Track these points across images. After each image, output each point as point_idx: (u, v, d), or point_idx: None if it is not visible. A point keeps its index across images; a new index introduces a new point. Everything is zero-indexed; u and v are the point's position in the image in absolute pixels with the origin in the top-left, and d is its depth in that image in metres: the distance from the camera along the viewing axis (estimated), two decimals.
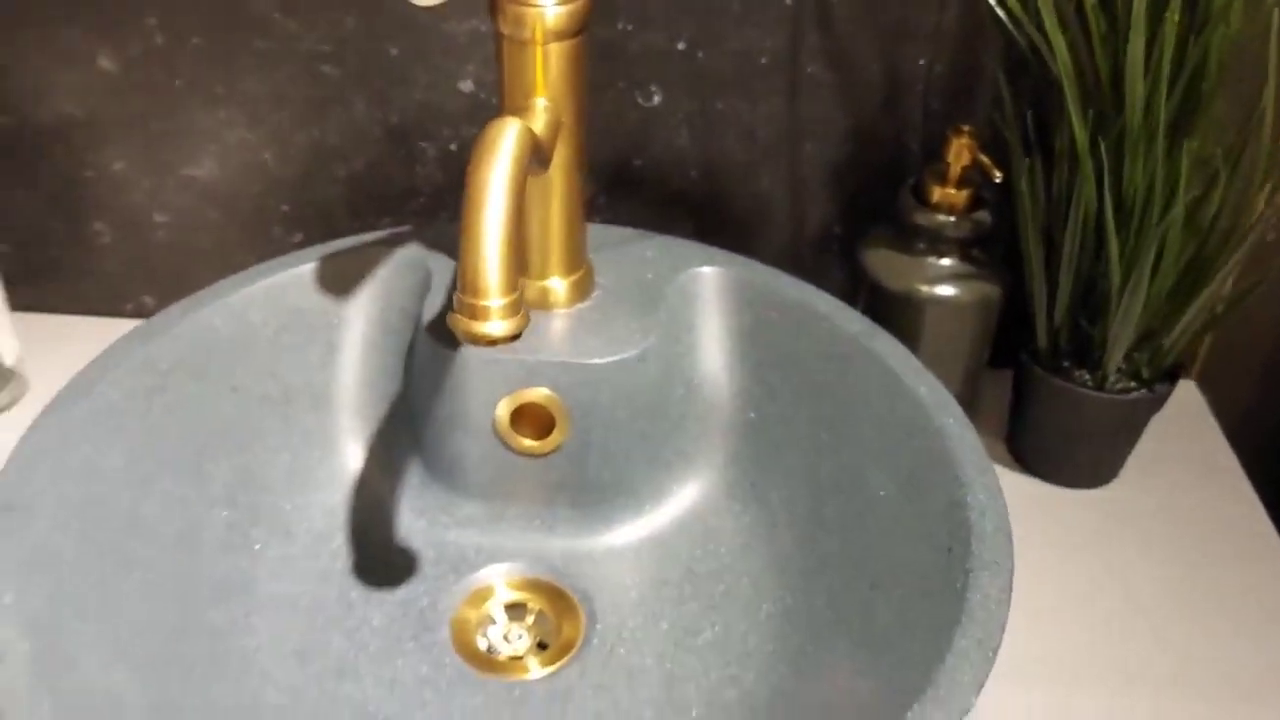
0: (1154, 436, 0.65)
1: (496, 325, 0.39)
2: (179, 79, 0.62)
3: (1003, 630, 0.40)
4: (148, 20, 0.60)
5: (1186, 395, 0.68)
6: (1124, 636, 0.53)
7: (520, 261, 0.53)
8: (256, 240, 0.67)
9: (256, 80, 0.62)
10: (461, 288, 0.39)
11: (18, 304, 0.70)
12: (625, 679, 0.49)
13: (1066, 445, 0.60)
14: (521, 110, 0.48)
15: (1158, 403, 0.58)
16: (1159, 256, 0.51)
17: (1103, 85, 0.50)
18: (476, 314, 0.39)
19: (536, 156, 0.44)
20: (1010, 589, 0.41)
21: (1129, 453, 0.61)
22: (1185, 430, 0.66)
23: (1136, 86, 0.48)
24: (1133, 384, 0.58)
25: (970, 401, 0.62)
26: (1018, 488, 0.61)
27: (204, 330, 0.53)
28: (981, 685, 0.38)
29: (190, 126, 0.63)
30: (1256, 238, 0.51)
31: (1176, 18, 0.46)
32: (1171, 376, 0.58)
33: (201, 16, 0.60)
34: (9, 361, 0.64)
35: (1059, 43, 0.49)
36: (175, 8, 0.59)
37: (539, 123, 0.47)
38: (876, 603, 0.46)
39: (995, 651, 0.39)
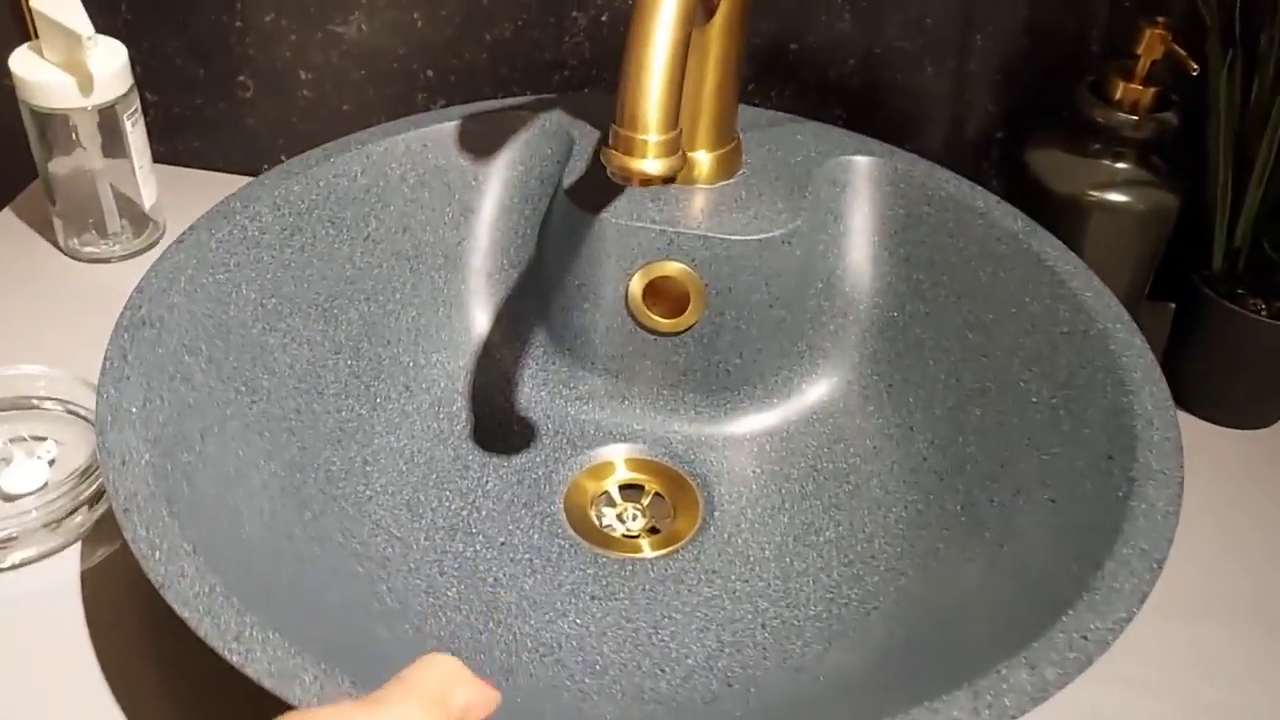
0: None
1: (652, 163, 0.37)
2: None
3: (1169, 544, 0.37)
4: None
5: None
6: (1272, 582, 0.49)
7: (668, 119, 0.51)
8: (399, 106, 0.66)
9: None
10: (619, 120, 0.37)
11: (157, 156, 0.71)
12: (741, 567, 0.47)
13: (1232, 380, 0.56)
14: None
15: None
16: None
17: None
18: (633, 148, 0.36)
19: (703, 2, 0.42)
20: (1179, 501, 0.38)
21: None
22: None
23: None
24: None
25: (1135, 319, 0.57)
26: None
27: (343, 177, 0.52)
28: (1145, 597, 0.35)
29: None
30: None
31: None
32: None
33: None
34: (146, 206, 0.64)
35: None
36: None
37: None
38: (1020, 510, 0.43)
39: (1161, 564, 0.36)
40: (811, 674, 0.41)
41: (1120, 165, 0.53)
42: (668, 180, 0.37)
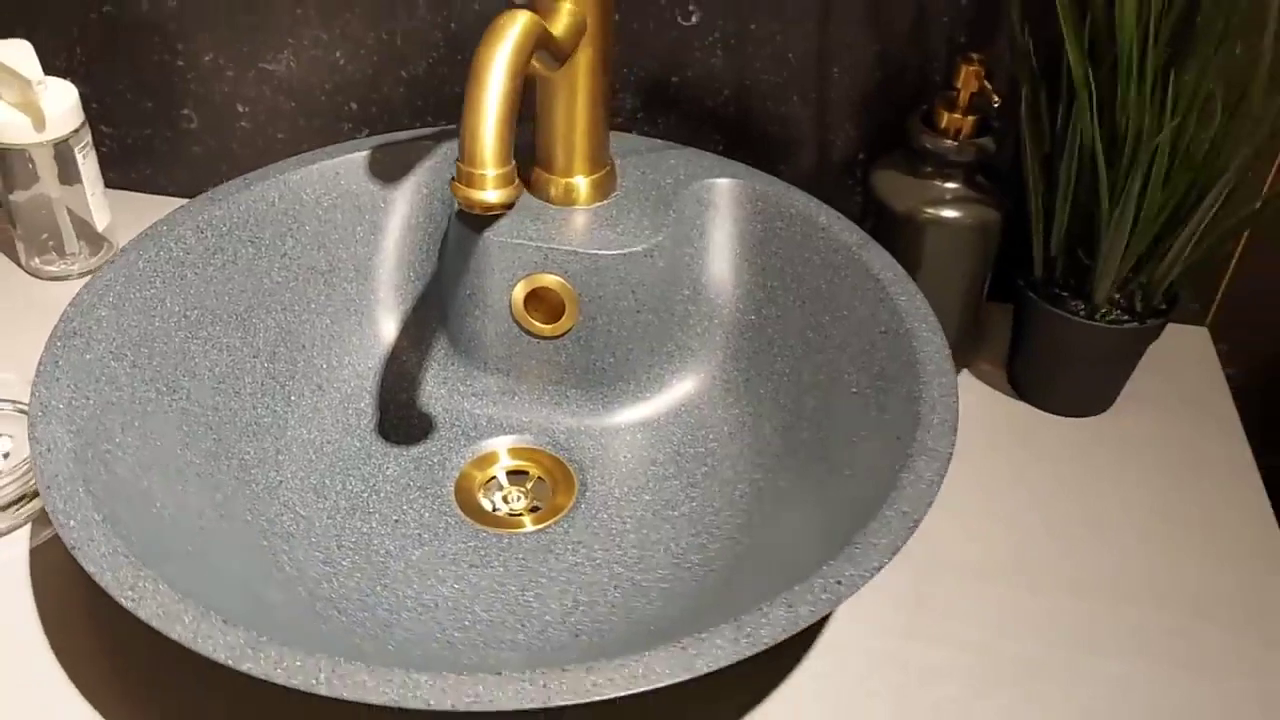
0: (1156, 375, 0.67)
1: (491, 193, 0.44)
2: None
3: (928, 505, 0.44)
4: None
5: (1196, 340, 0.70)
6: (1084, 549, 0.56)
7: (546, 158, 0.58)
8: (327, 135, 0.73)
9: None
10: (461, 157, 0.44)
11: (112, 182, 0.78)
12: (603, 539, 0.54)
13: (1058, 373, 0.62)
14: (547, 12, 0.52)
15: (1147, 336, 0.60)
16: (1145, 186, 0.54)
17: (1098, 20, 0.52)
18: (473, 181, 0.43)
19: (549, 50, 0.49)
20: (943, 473, 0.45)
21: (1121, 385, 0.64)
22: (1188, 373, 0.67)
23: (1128, 15, 0.50)
24: (1125, 316, 0.60)
25: (971, 328, 0.64)
26: (1012, 413, 0.64)
27: (261, 202, 0.59)
28: (897, 549, 0.42)
29: (272, 23, 0.69)
30: (1240, 173, 0.52)
31: None
32: (1160, 313, 0.60)
33: None
34: (100, 228, 0.71)
35: None
36: None
37: (560, 24, 0.51)
38: (830, 484, 0.50)
39: (917, 523, 0.43)
40: (646, 626, 0.48)
41: (948, 185, 0.59)
42: (506, 207, 0.44)
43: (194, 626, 0.38)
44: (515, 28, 0.45)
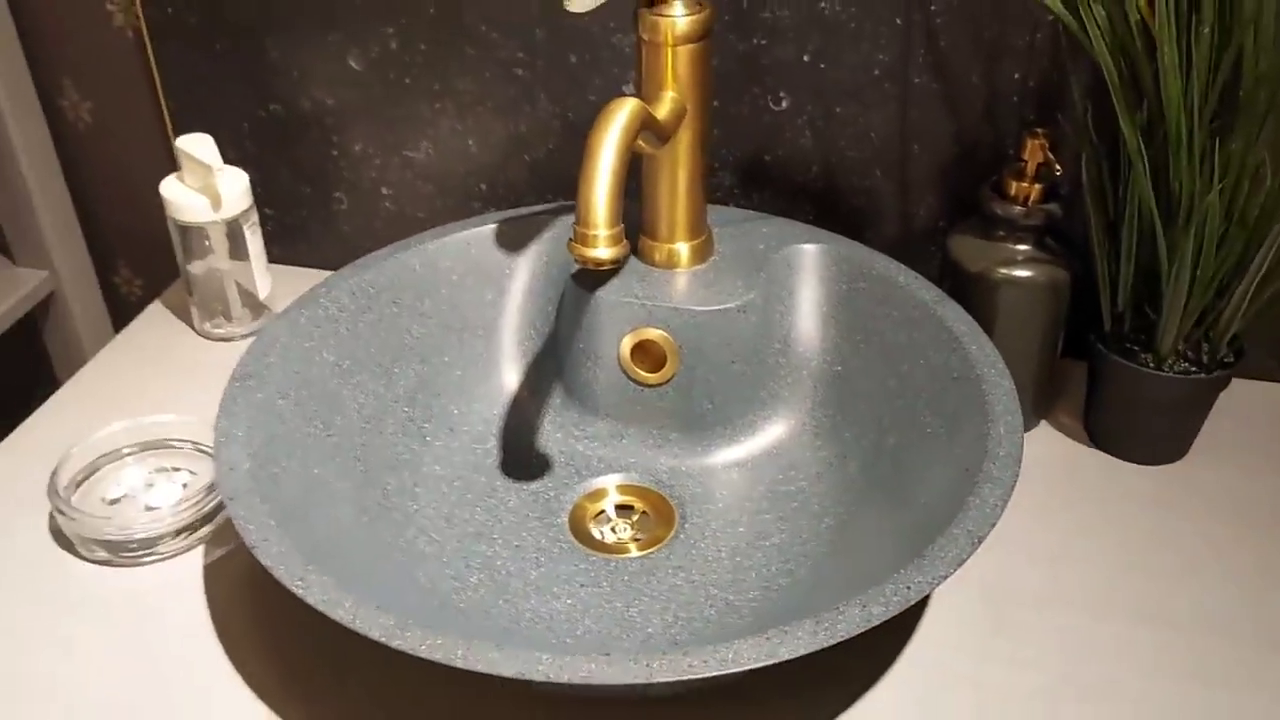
0: (1233, 427, 0.70)
1: (603, 251, 0.51)
2: (407, 77, 0.78)
3: (991, 526, 0.48)
4: (386, 30, 0.76)
5: (1275, 395, 0.73)
6: (1147, 584, 0.60)
7: (651, 226, 0.66)
8: (460, 212, 0.82)
9: (466, 80, 0.77)
10: (576, 220, 0.51)
11: (273, 257, 0.88)
12: (700, 565, 0.60)
13: (1131, 422, 0.67)
14: (651, 98, 0.60)
15: (1215, 386, 0.64)
16: (1201, 246, 0.58)
17: (1149, 95, 0.58)
18: (587, 241, 0.51)
19: (653, 131, 0.57)
20: (1007, 498, 0.50)
21: (1193, 434, 0.67)
22: (1264, 426, 0.70)
23: (1173, 92, 0.55)
24: (1192, 367, 0.64)
25: (1047, 382, 0.69)
26: (1087, 461, 0.68)
27: (404, 268, 0.68)
28: (962, 562, 0.47)
29: (414, 116, 0.79)
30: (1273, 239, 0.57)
31: (1206, 29, 0.53)
32: (1226, 365, 0.63)
33: (427, 27, 0.75)
34: (262, 296, 0.81)
35: (1103, 54, 0.57)
36: (408, 21, 0.75)
37: (663, 109, 0.59)
38: (906, 512, 0.55)
39: (980, 540, 0.48)
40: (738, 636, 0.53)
41: (1019, 247, 0.65)
42: (615, 263, 0.51)
43: (353, 610, 0.45)
44: (624, 112, 0.52)
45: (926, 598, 0.58)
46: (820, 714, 0.53)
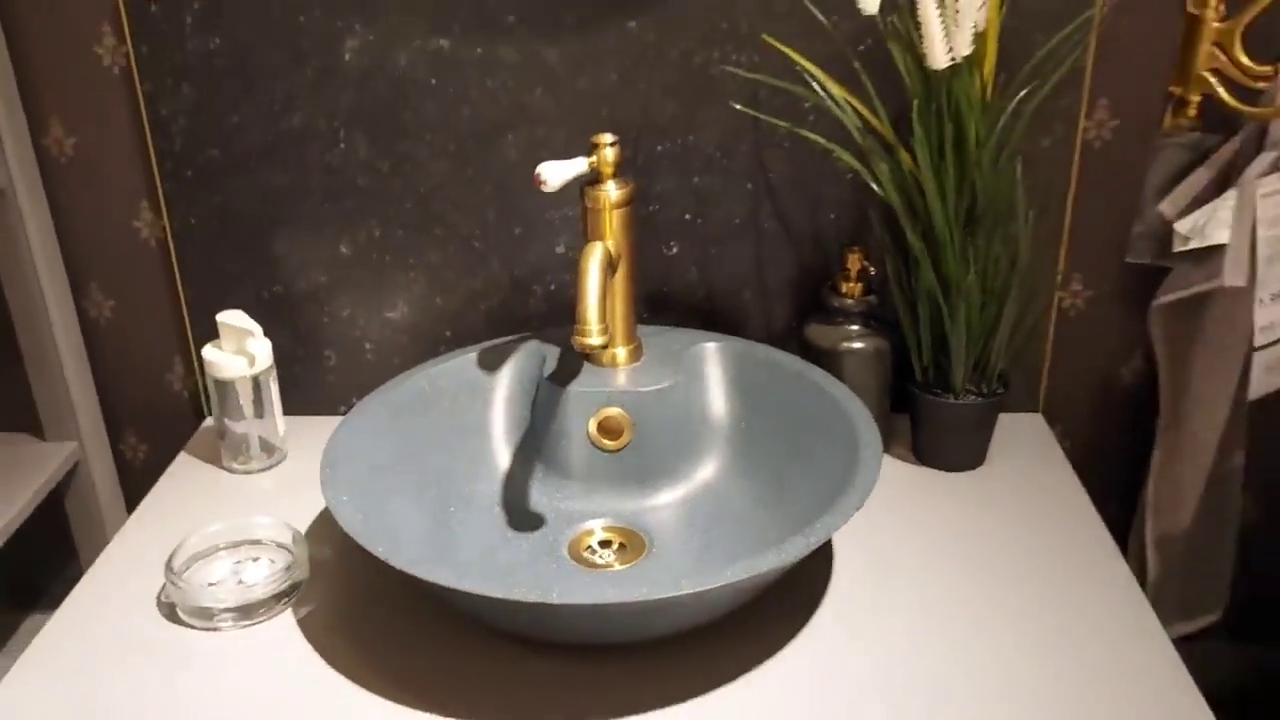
0: (1009, 440, 0.99)
1: (594, 339, 0.77)
2: (388, 255, 1.02)
3: (848, 518, 0.74)
4: (371, 222, 1.01)
5: (1036, 422, 1.03)
6: (961, 548, 0.87)
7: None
8: (430, 355, 1.06)
9: (434, 253, 1.02)
10: (577, 322, 0.77)
11: None
12: (669, 568, 0.83)
13: (941, 442, 0.95)
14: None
15: (993, 408, 0.94)
16: (967, 314, 0.89)
17: (921, 214, 0.89)
18: (584, 334, 0.76)
19: (609, 267, 0.83)
20: (863, 500, 0.76)
21: (985, 446, 0.96)
22: (1031, 442, 1.00)
23: (936, 211, 0.86)
24: (975, 396, 0.93)
25: (884, 420, 0.97)
26: (914, 473, 0.96)
27: (418, 387, 0.91)
28: (853, 513, 0.73)
29: (392, 283, 1.03)
30: (1017, 300, 0.88)
31: (950, 171, 0.85)
32: (997, 394, 0.93)
33: (404, 218, 1.01)
34: (279, 439, 1.02)
35: (890, 193, 0.88)
36: (390, 214, 1.01)
37: (611, 248, 0.86)
38: (808, 508, 0.80)
39: (864, 500, 0.74)
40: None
41: (852, 328, 0.94)
42: (603, 348, 0.77)
43: (427, 569, 0.67)
44: (600, 248, 0.79)
45: (826, 571, 0.84)
46: (742, 660, 0.77)
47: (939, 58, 0.80)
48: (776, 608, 0.80)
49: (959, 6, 0.79)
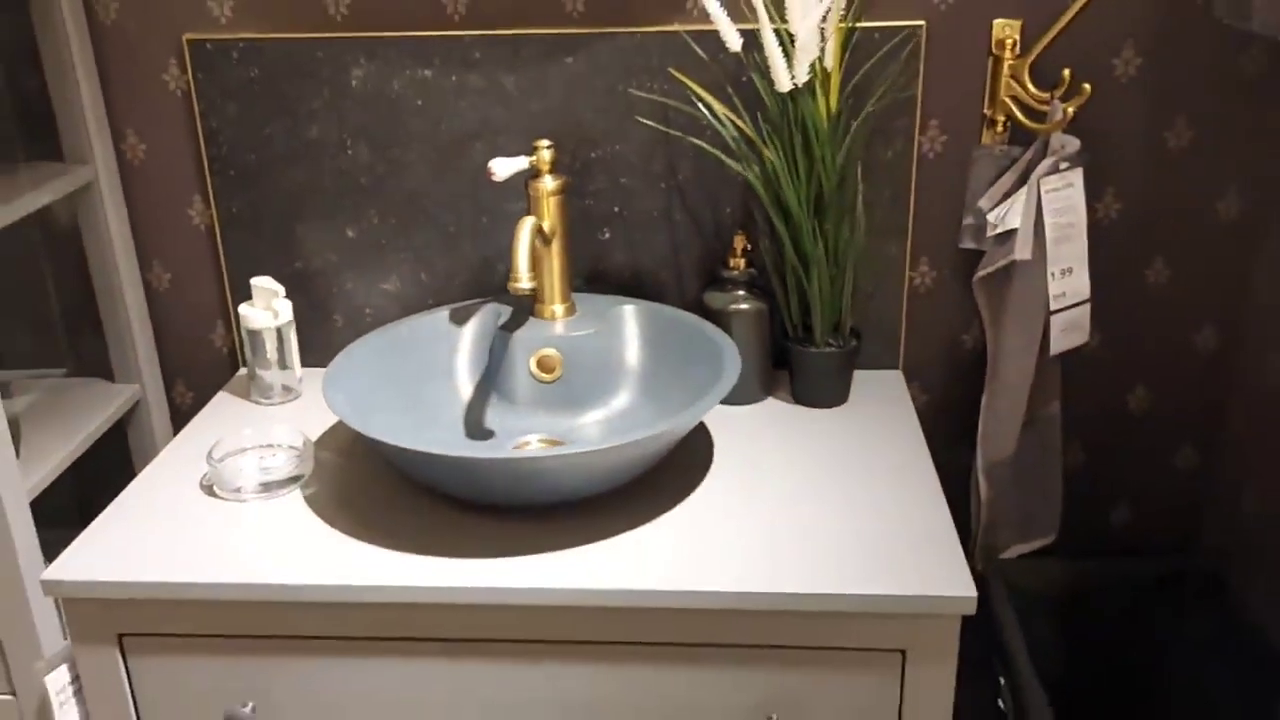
0: (871, 393, 1.25)
1: (523, 284, 1.04)
2: (383, 239, 1.31)
3: (722, 395, 1.01)
4: (371, 211, 1.30)
5: (896, 378, 1.29)
6: (826, 462, 1.13)
7: (543, 292, 1.19)
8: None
9: (420, 237, 1.30)
10: (510, 272, 1.04)
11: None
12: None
13: (811, 385, 1.22)
14: (540, 218, 1.15)
15: (850, 355, 1.20)
16: (820, 280, 1.16)
17: (785, 205, 1.16)
18: (515, 279, 1.04)
19: (541, 237, 1.12)
20: (734, 379, 1.03)
21: (847, 387, 1.23)
22: (890, 391, 1.27)
23: (792, 202, 1.14)
24: (833, 347, 1.20)
25: (767, 371, 1.24)
26: (790, 410, 1.22)
27: (400, 334, 1.19)
28: (712, 405, 1.00)
29: (387, 262, 1.32)
30: (855, 270, 1.15)
31: (803, 173, 1.12)
32: (852, 345, 1.20)
33: (397, 208, 1.29)
34: (296, 379, 1.30)
35: (760, 191, 1.15)
36: (386, 205, 1.29)
37: (545, 225, 1.14)
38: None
39: (719, 397, 1.01)
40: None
41: (739, 293, 1.21)
42: (531, 291, 1.05)
43: (391, 436, 0.94)
44: (530, 221, 1.07)
45: (708, 467, 1.10)
46: (637, 518, 1.03)
47: (783, 83, 1.08)
48: (670, 487, 1.07)
49: (798, 45, 1.07)
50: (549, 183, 1.15)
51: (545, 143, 1.16)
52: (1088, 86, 1.11)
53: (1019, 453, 1.26)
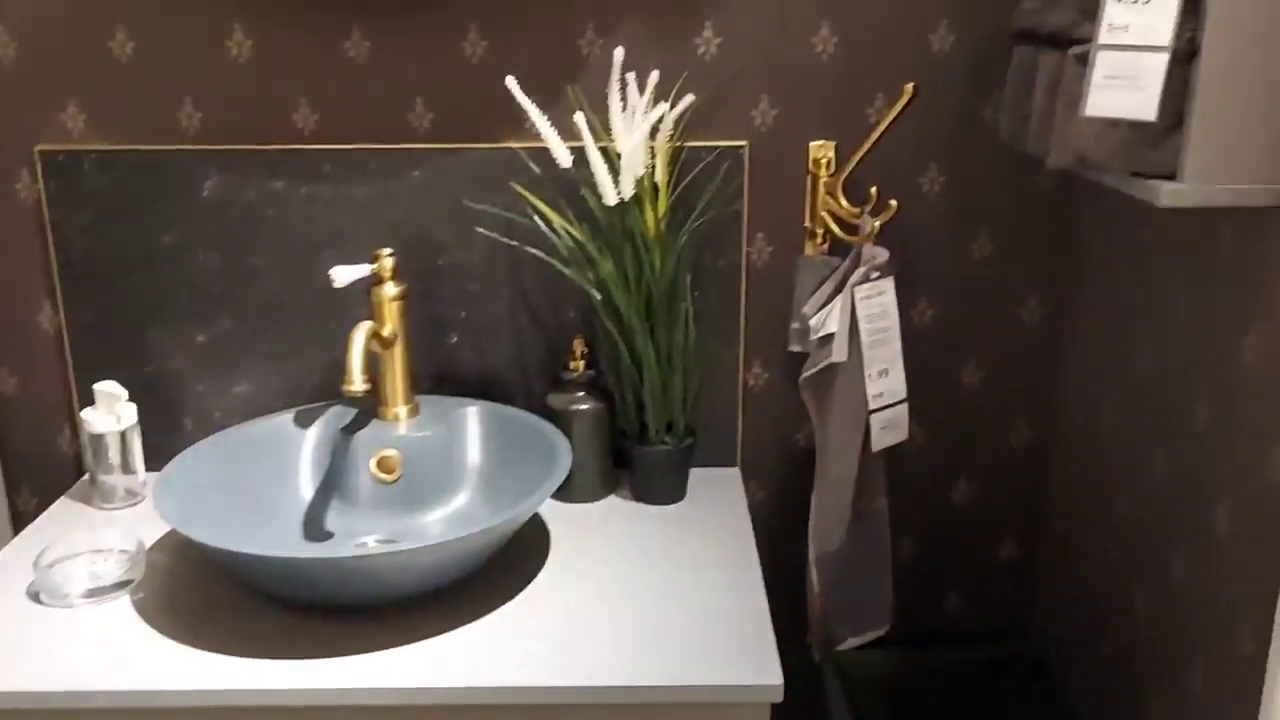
0: (709, 489, 1.31)
1: (356, 387, 1.08)
2: (234, 343, 1.33)
3: (550, 493, 1.05)
4: (223, 318, 1.32)
5: (733, 475, 1.35)
6: (663, 554, 1.17)
7: (385, 394, 1.23)
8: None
9: (268, 343, 1.33)
10: (345, 377, 1.08)
11: None
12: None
13: (649, 482, 1.26)
14: (380, 327, 1.19)
15: (685, 453, 1.26)
16: (653, 383, 1.21)
17: (621, 314, 1.22)
18: (348, 383, 1.07)
19: (379, 341, 1.15)
20: (563, 476, 1.07)
21: (684, 484, 1.28)
22: (726, 487, 1.32)
23: (626, 310, 1.20)
24: (667, 444, 1.25)
25: (608, 470, 1.28)
26: (629, 506, 1.27)
27: (244, 436, 1.21)
28: (539, 504, 1.03)
29: (238, 366, 1.34)
30: (696, 374, 1.21)
31: (636, 284, 1.18)
32: (686, 441, 1.25)
33: (248, 315, 1.32)
34: (140, 480, 1.30)
35: (595, 301, 1.21)
36: (236, 312, 1.32)
37: (385, 329, 1.18)
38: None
39: (548, 494, 1.05)
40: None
41: (579, 394, 1.26)
42: (365, 394, 1.08)
43: (215, 537, 0.96)
44: (364, 327, 1.11)
45: (543, 564, 1.13)
46: (478, 611, 1.06)
47: (610, 197, 1.15)
48: (504, 584, 1.09)
49: (623, 162, 1.14)
50: (390, 289, 1.20)
51: (387, 250, 1.20)
52: (894, 202, 1.19)
53: (850, 546, 1.32)
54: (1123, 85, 0.81)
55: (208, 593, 1.10)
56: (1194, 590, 1.07)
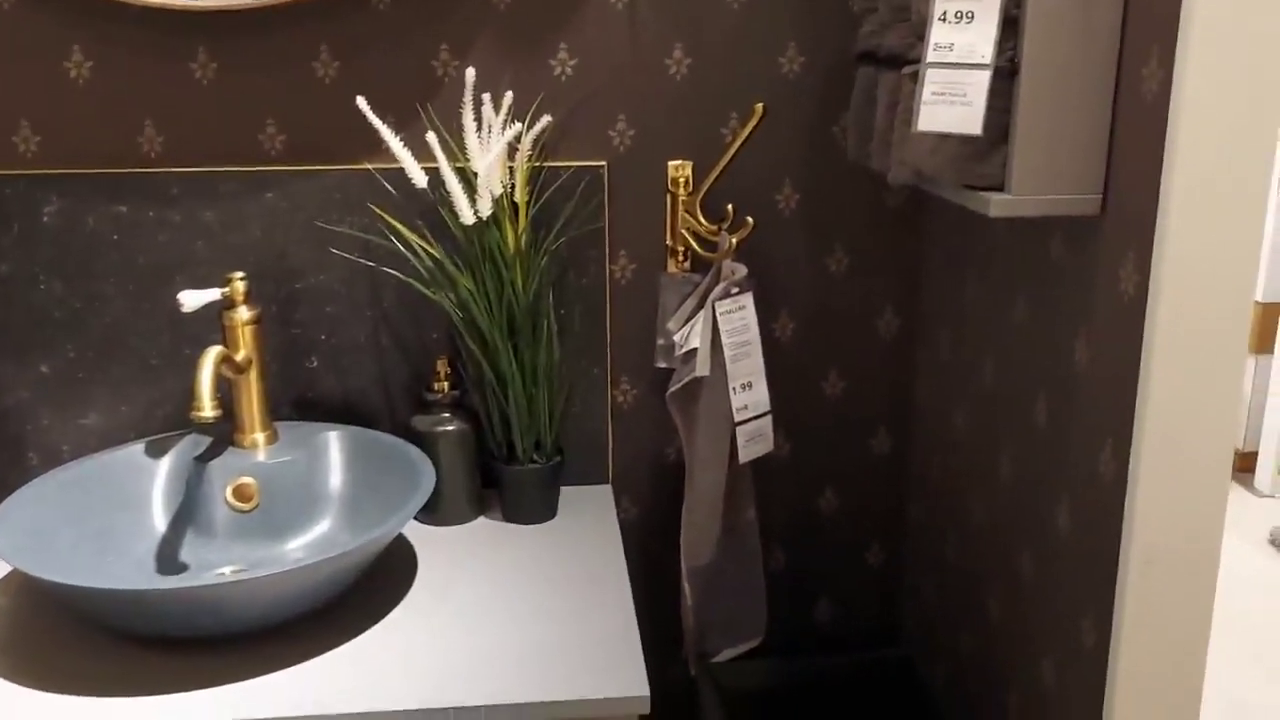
0: (580, 507, 1.30)
1: (206, 413, 1.05)
2: (81, 374, 1.28)
3: (410, 517, 1.04)
4: (67, 347, 1.27)
5: (605, 492, 1.35)
6: (535, 571, 1.16)
7: (242, 421, 1.19)
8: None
9: (119, 370, 1.28)
10: (192, 402, 1.05)
11: None
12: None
13: (519, 501, 1.26)
14: (233, 352, 1.16)
15: (554, 471, 1.25)
16: (519, 401, 1.21)
17: (485, 334, 1.22)
18: (197, 409, 1.04)
19: (232, 366, 1.13)
20: (424, 498, 1.06)
21: (554, 502, 1.27)
22: (597, 504, 1.32)
23: (487, 329, 1.19)
24: (536, 463, 1.25)
25: (476, 490, 1.27)
26: (498, 526, 1.26)
27: (88, 469, 1.16)
28: (400, 529, 1.02)
29: (86, 397, 1.29)
30: (561, 392, 1.21)
31: (490, 296, 1.18)
32: (554, 459, 1.25)
33: (94, 344, 1.27)
34: None
35: (457, 322, 1.21)
36: (81, 341, 1.27)
37: (239, 355, 1.15)
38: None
39: (417, 509, 1.03)
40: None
41: (444, 415, 1.25)
42: (215, 421, 1.05)
43: (51, 572, 0.92)
44: (214, 351, 1.08)
45: (410, 587, 1.11)
46: (340, 637, 1.04)
47: (467, 216, 1.14)
48: (368, 608, 1.07)
49: (479, 182, 1.14)
50: (243, 313, 1.17)
51: (239, 274, 1.18)
52: (750, 220, 1.22)
53: (722, 558, 1.33)
54: (950, 101, 0.85)
55: (55, 631, 1.05)
56: (1041, 587, 1.11)
